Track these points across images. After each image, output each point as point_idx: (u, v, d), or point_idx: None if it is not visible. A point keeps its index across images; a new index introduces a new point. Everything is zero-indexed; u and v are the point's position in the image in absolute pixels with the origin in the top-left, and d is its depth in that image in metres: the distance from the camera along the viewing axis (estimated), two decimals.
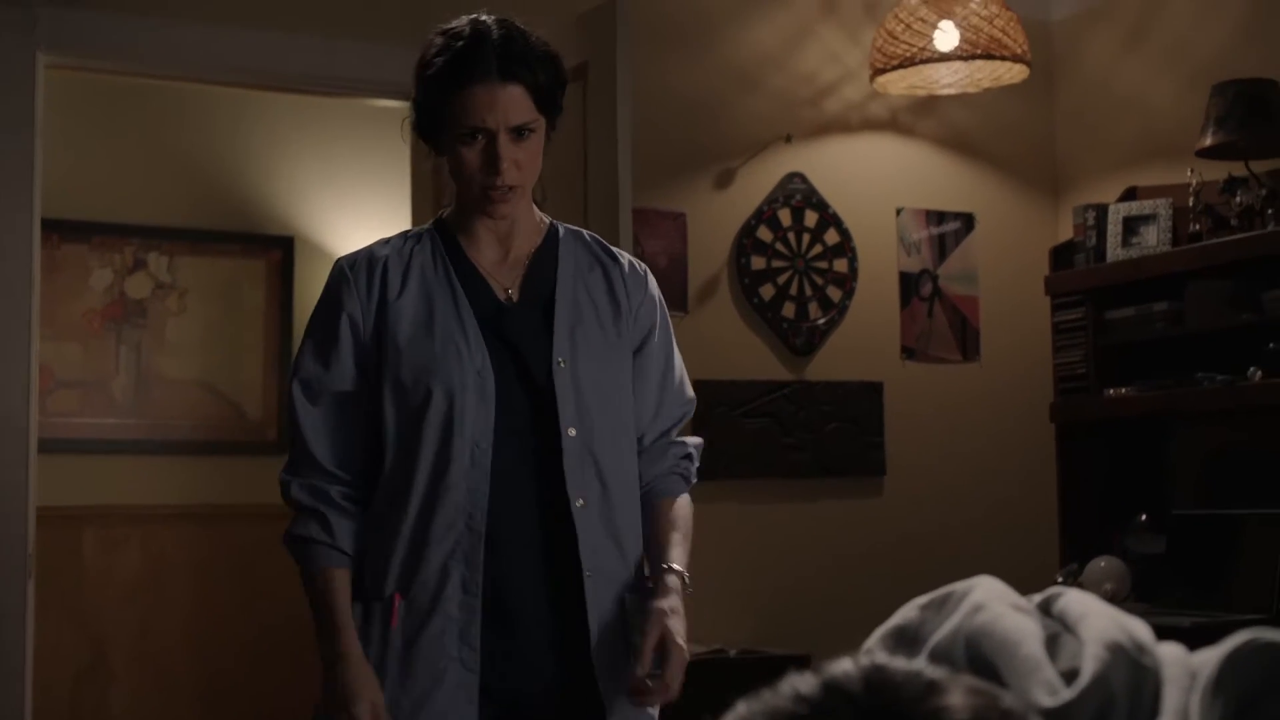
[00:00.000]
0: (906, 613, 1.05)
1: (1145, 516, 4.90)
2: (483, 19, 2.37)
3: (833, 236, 5.28)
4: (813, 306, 5.23)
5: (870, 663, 0.80)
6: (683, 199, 5.08)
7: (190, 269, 6.34)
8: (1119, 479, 5.07)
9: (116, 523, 6.11)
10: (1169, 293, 4.74)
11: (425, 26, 2.50)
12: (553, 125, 2.42)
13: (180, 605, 6.14)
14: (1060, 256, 5.19)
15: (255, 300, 6.43)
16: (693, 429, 4.91)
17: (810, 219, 5.26)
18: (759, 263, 5.17)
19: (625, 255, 2.56)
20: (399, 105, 5.07)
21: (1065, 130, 5.65)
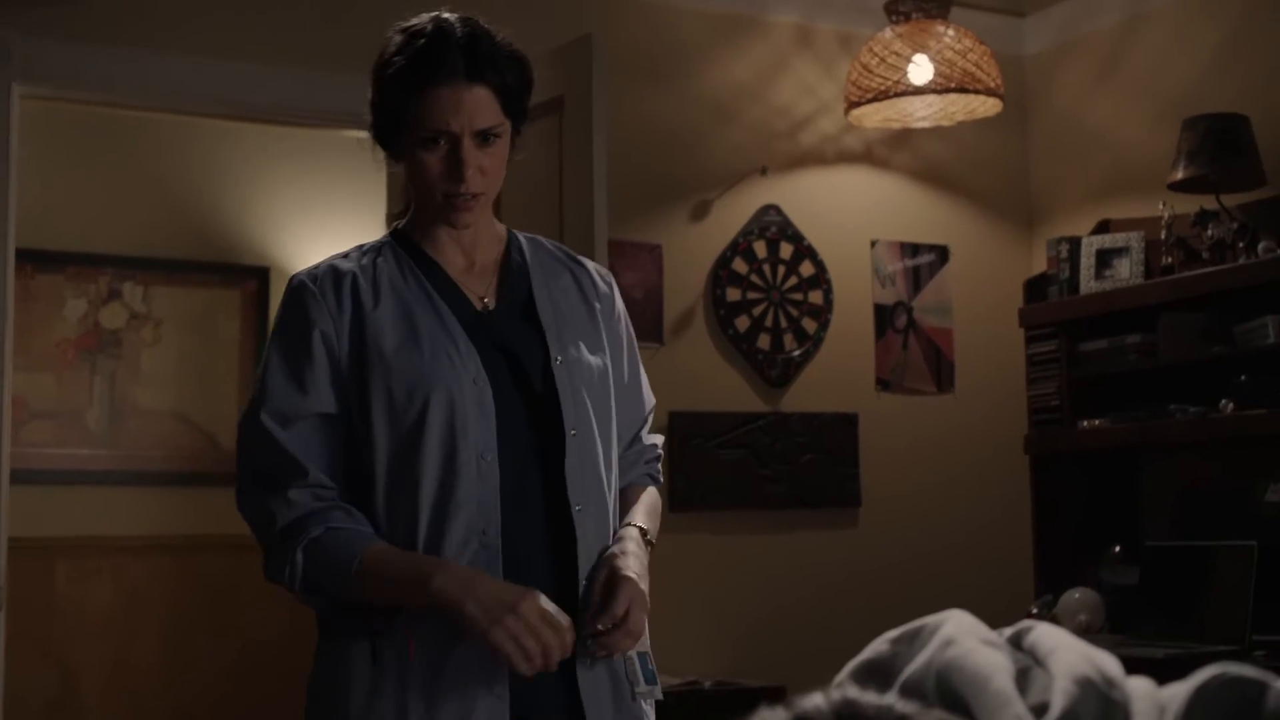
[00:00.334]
0: (877, 647, 1.06)
1: (1119, 548, 4.91)
2: (445, 16, 2.24)
3: (808, 268, 5.30)
4: (788, 338, 5.24)
5: (841, 697, 0.81)
6: (658, 231, 5.09)
7: (165, 299, 6.33)
8: (1093, 510, 5.08)
9: (89, 554, 6.07)
10: (1142, 325, 4.77)
11: None
12: (518, 131, 2.29)
13: (153, 637, 6.10)
14: (1034, 289, 5.21)
15: (230, 331, 6.42)
16: (668, 460, 4.94)
17: (785, 251, 5.28)
18: (734, 294, 5.19)
19: (589, 261, 2.49)
20: (370, 144, 5.08)
21: (1039, 163, 5.69)
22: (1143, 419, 4.73)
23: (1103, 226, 5.11)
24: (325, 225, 6.40)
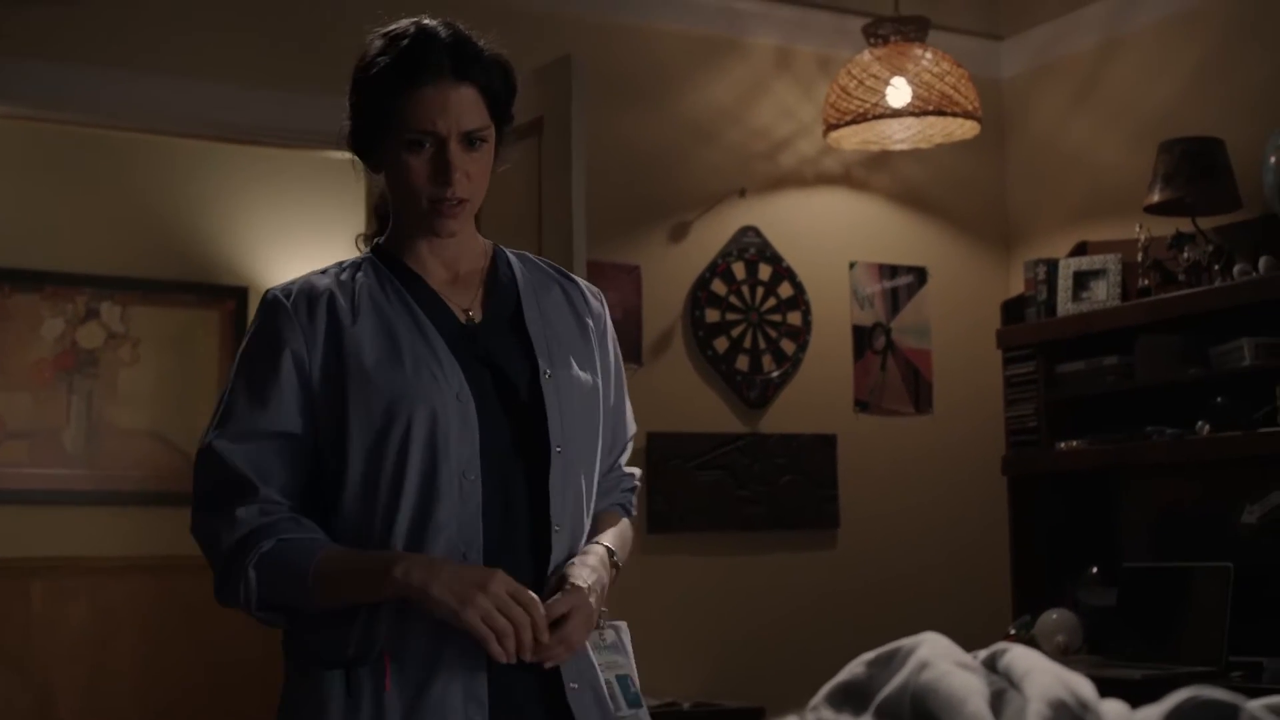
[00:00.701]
0: (853, 669, 1.06)
1: (1096, 569, 4.92)
2: (426, 21, 2.18)
3: (786, 290, 5.31)
4: (766, 359, 5.25)
5: (817, 719, 0.81)
6: (637, 252, 5.10)
7: (143, 319, 6.31)
8: (1070, 531, 5.09)
9: (66, 574, 6.05)
10: (1119, 347, 4.78)
11: None
12: (500, 139, 2.22)
13: (129, 657, 6.08)
14: (1011, 310, 5.23)
15: (208, 350, 6.40)
16: (647, 480, 4.94)
17: (764, 272, 5.29)
18: (713, 315, 5.19)
19: (580, 278, 2.40)
20: (352, 157, 5.08)
21: (1016, 186, 5.71)
22: (1120, 440, 4.74)
23: (1080, 249, 5.13)
24: (303, 245, 6.39)
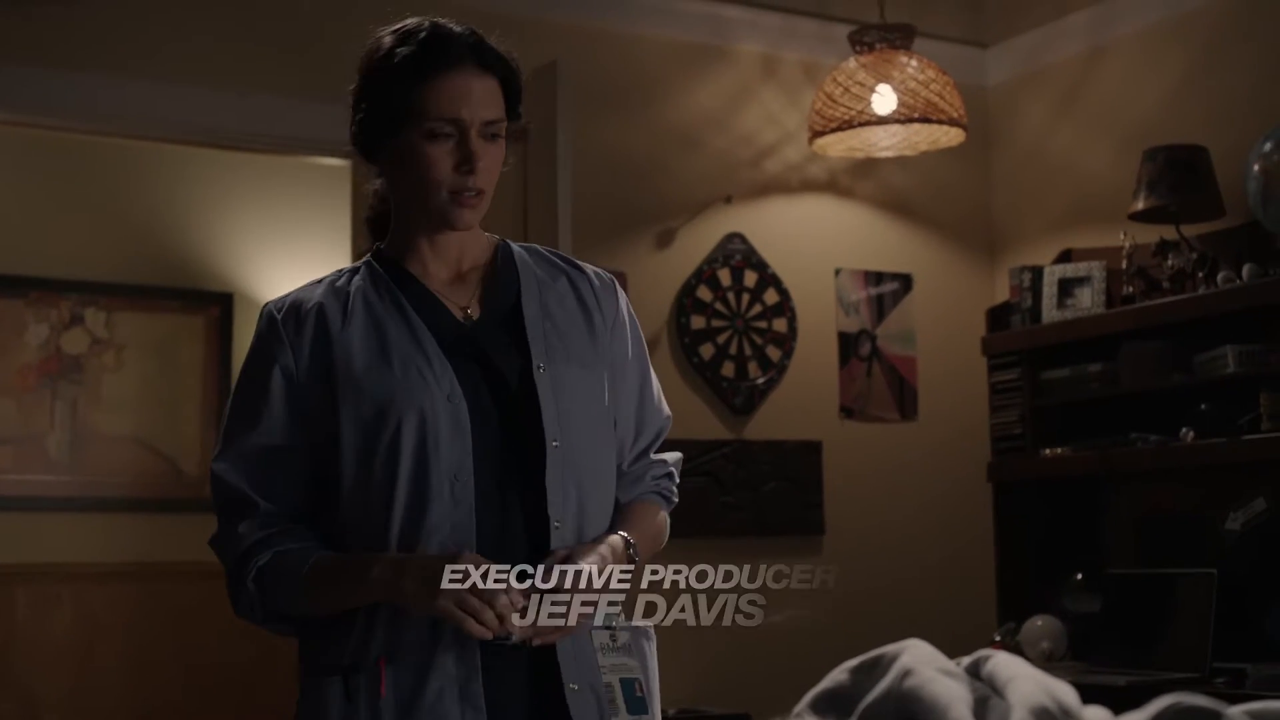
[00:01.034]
0: (837, 676, 1.06)
1: (1081, 575, 4.93)
2: (435, 19, 2.17)
3: (772, 296, 5.32)
4: (752, 366, 5.25)
5: None
6: (623, 259, 5.10)
7: (128, 325, 6.30)
8: (1055, 538, 5.10)
9: (49, 581, 6.03)
10: (1103, 354, 4.79)
11: None
12: (506, 139, 2.20)
13: (113, 664, 6.06)
14: (996, 317, 5.24)
15: (193, 356, 6.39)
16: None
17: (750, 279, 5.29)
18: (699, 322, 5.20)
19: (589, 266, 2.36)
20: (339, 163, 5.08)
21: (1001, 193, 5.72)
22: (1104, 447, 4.75)
23: (1064, 256, 5.14)
24: (289, 252, 6.38)
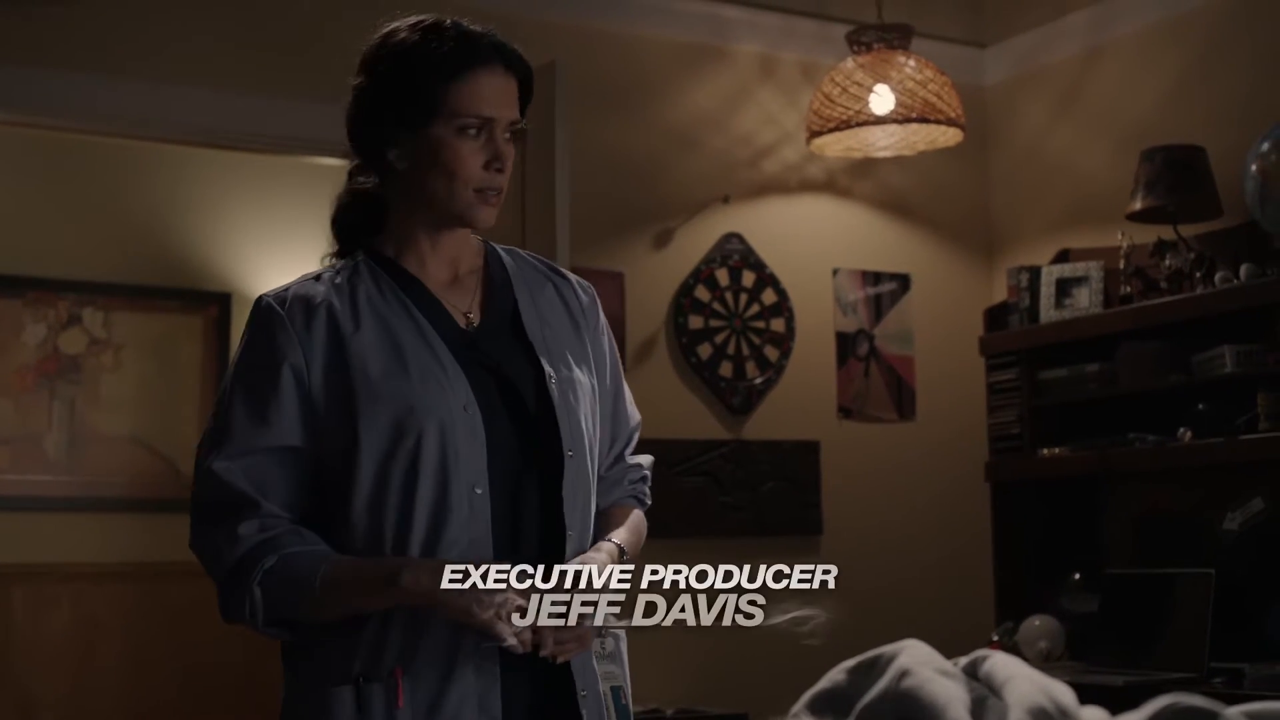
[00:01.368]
0: (834, 676, 1.06)
1: (1079, 575, 4.93)
2: (454, 19, 2.15)
3: (770, 296, 5.32)
4: (750, 366, 5.25)
5: None
6: (621, 259, 5.10)
7: (126, 324, 6.30)
8: (1053, 538, 5.10)
9: (47, 581, 6.03)
10: (1101, 354, 4.80)
11: None
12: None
13: (111, 664, 6.05)
14: (994, 317, 5.24)
15: (191, 356, 6.39)
16: None
17: (748, 279, 5.29)
18: (697, 322, 5.20)
19: (570, 273, 2.35)
20: (336, 163, 5.07)
21: (999, 193, 5.72)
22: (1102, 447, 4.75)
23: (1062, 256, 5.15)
24: (287, 251, 6.38)
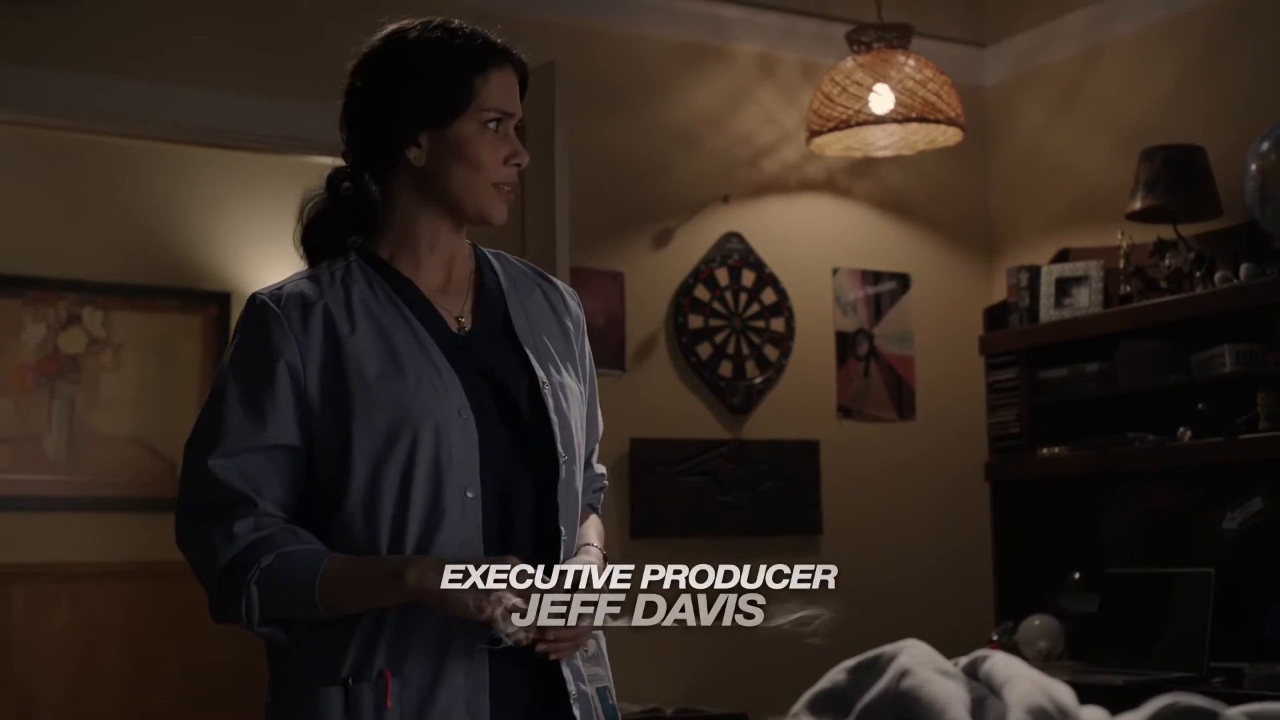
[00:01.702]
0: (834, 676, 1.06)
1: (1079, 575, 4.93)
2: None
3: (770, 296, 5.32)
4: (750, 365, 5.25)
5: None
6: (621, 258, 5.10)
7: (126, 324, 6.30)
8: (1053, 537, 5.10)
9: (47, 581, 6.03)
10: (1101, 353, 4.80)
11: None
12: None
13: (111, 664, 6.06)
14: (994, 317, 5.24)
15: (191, 356, 6.39)
16: (630, 486, 4.94)
17: (747, 278, 5.29)
18: (696, 322, 5.20)
19: (557, 279, 2.37)
20: (336, 162, 5.07)
21: (999, 192, 5.72)
22: (1102, 447, 4.76)
23: (1062, 255, 5.15)
24: (286, 251, 6.33)
